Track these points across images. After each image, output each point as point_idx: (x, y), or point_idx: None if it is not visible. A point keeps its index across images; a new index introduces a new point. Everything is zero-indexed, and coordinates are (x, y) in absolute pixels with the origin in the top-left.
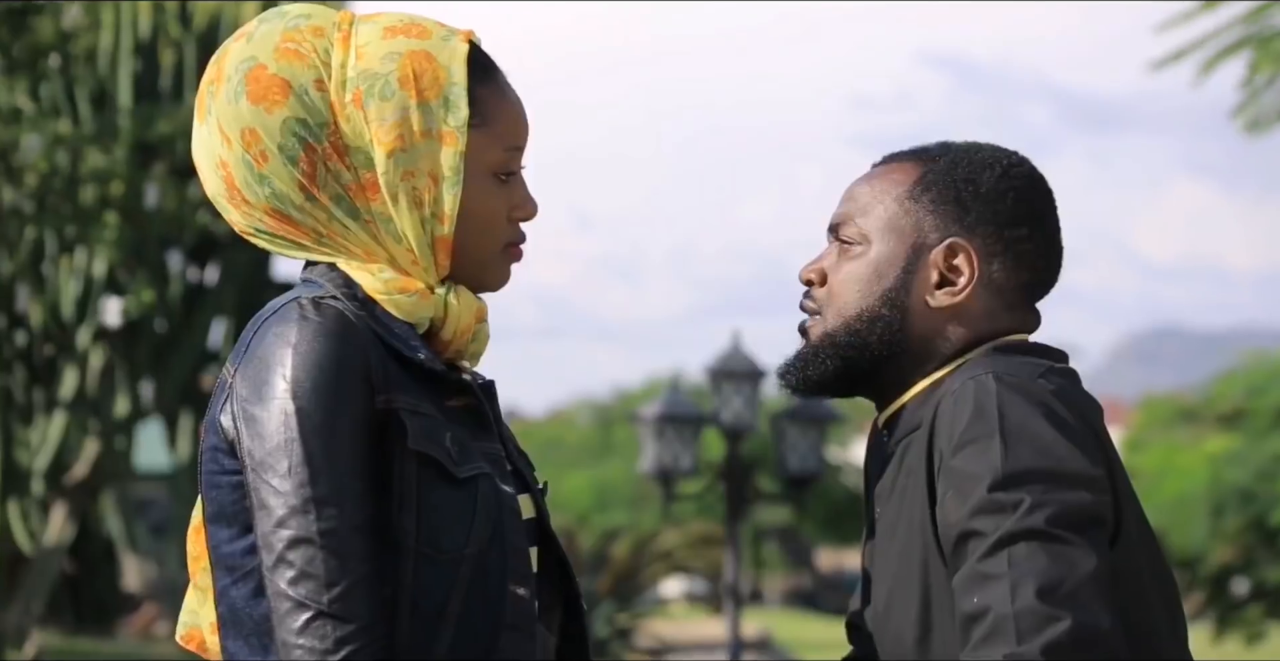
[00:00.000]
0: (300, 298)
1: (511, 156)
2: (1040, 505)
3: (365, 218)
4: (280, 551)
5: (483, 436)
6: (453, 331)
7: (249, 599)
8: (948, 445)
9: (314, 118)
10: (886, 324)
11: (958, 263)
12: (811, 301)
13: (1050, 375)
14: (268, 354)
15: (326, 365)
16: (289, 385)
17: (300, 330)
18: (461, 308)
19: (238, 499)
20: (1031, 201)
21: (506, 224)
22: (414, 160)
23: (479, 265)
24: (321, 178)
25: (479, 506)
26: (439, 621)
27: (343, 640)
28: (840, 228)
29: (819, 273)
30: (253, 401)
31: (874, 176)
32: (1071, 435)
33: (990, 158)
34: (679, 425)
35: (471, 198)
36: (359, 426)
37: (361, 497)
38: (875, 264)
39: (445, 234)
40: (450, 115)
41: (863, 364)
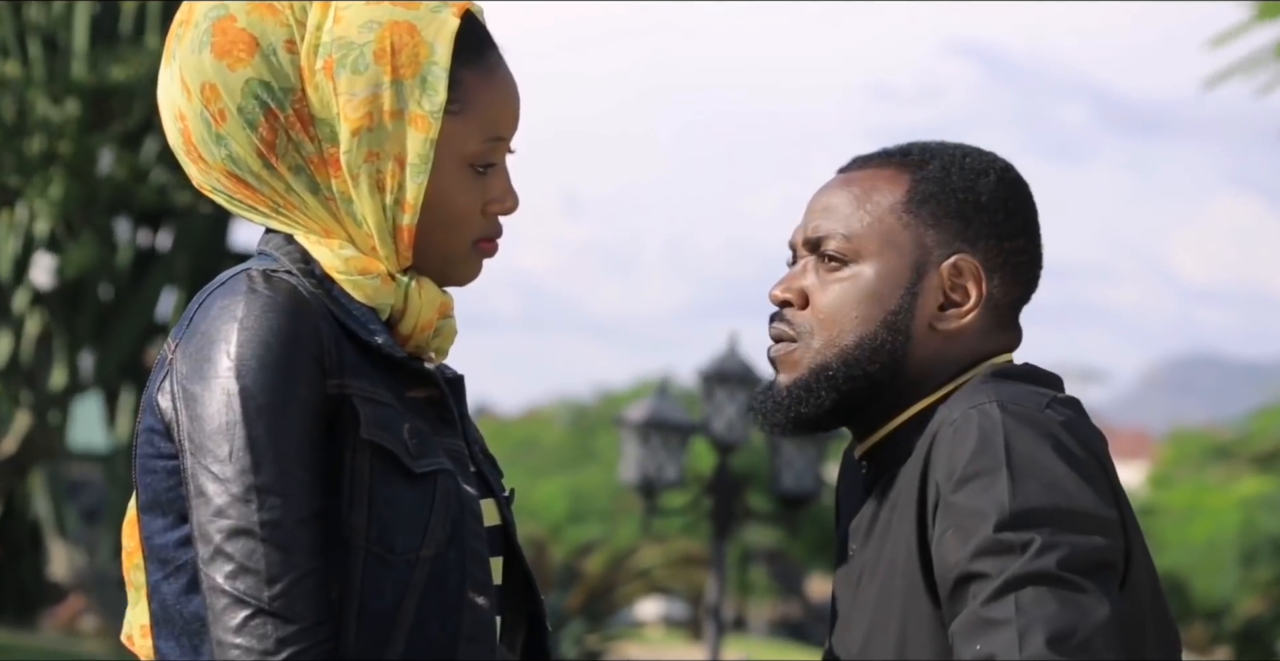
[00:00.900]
0: (250, 269)
1: (491, 147)
2: (1051, 547)
3: (326, 194)
4: (218, 543)
5: (445, 431)
6: (412, 325)
7: (180, 595)
8: (946, 479)
9: (279, 81)
10: (890, 351)
11: (962, 281)
12: (788, 326)
13: (1056, 405)
14: (211, 328)
15: (274, 343)
16: (233, 363)
17: (248, 304)
18: (424, 301)
19: (173, 486)
20: (1026, 210)
21: (480, 218)
22: (380, 141)
23: (445, 259)
24: (281, 146)
25: (437, 505)
26: (391, 628)
27: (284, 640)
28: (823, 242)
29: (799, 293)
30: (193, 380)
31: (852, 184)
32: (1083, 471)
33: (981, 163)
34: (666, 432)
35: (441, 189)
36: (308, 410)
37: (308, 487)
38: (874, 284)
39: (408, 223)
40: (425, 98)
41: (860, 396)
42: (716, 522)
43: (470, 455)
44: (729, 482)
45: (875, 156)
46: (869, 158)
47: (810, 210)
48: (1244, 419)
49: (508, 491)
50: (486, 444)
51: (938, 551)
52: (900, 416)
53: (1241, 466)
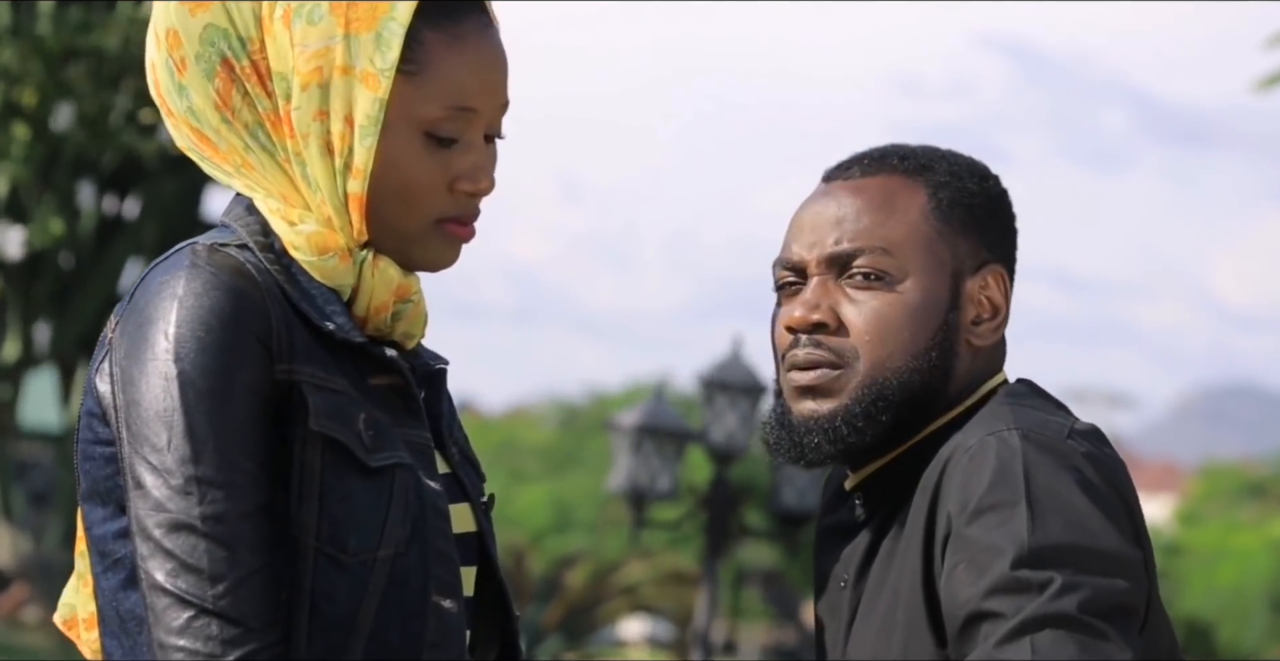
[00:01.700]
0: (197, 243)
1: (455, 118)
2: (1072, 588)
3: (282, 156)
4: (157, 538)
5: (409, 422)
6: (365, 306)
7: (118, 590)
8: (960, 510)
9: (238, 29)
10: (944, 371)
11: (990, 293)
12: (827, 351)
13: (1077, 434)
14: (150, 306)
15: (215, 324)
16: (171, 345)
17: (189, 280)
18: (376, 281)
19: (111, 474)
20: (1014, 217)
21: (445, 195)
22: (329, 99)
23: (402, 237)
24: (237, 101)
25: (394, 501)
26: (347, 635)
27: (230, 642)
28: (856, 257)
29: (832, 313)
30: (130, 362)
31: (862, 193)
32: (1107, 507)
33: (978, 167)
34: (660, 439)
35: (392, 155)
36: (252, 397)
37: (253, 479)
38: (921, 299)
39: (356, 191)
40: (378, 54)
41: (912, 421)
42: (710, 539)
43: (447, 456)
44: (726, 496)
45: (866, 163)
46: (859, 165)
47: (812, 225)
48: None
49: (486, 497)
50: (471, 445)
51: (947, 587)
52: (905, 443)
53: (1276, 505)
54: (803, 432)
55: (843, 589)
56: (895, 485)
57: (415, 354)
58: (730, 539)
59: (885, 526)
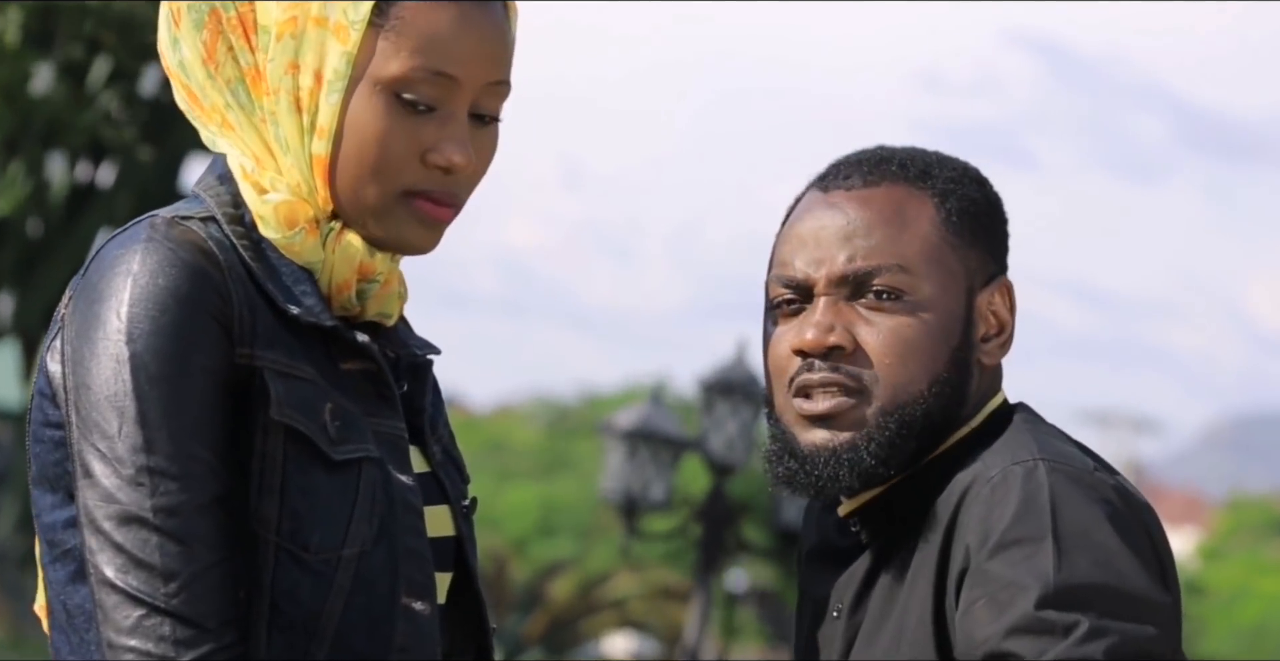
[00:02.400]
0: (158, 215)
1: (429, 81)
2: (1099, 633)
3: (259, 115)
4: (107, 531)
5: (382, 411)
6: (327, 283)
7: (67, 583)
8: (981, 544)
9: None
10: (960, 393)
11: (998, 308)
12: (843, 376)
13: (1102, 467)
14: (103, 282)
15: (171, 303)
16: (124, 325)
17: (144, 256)
18: (337, 257)
19: (60, 459)
20: (1008, 223)
21: (415, 165)
22: (302, 50)
23: (364, 208)
24: (221, 54)
25: (360, 497)
26: (309, 638)
27: (184, 643)
28: (873, 276)
29: (848, 335)
30: (81, 341)
31: (870, 204)
32: (1137, 546)
33: (973, 172)
34: (656, 445)
35: (356, 115)
36: (210, 382)
37: (210, 469)
38: (940, 319)
39: (320, 151)
40: (352, 5)
41: (931, 445)
42: (704, 553)
43: (428, 455)
44: (723, 509)
45: (865, 170)
46: (859, 172)
47: (817, 240)
48: None
49: (468, 501)
50: (456, 444)
51: (963, 623)
52: (903, 471)
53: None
54: (819, 464)
55: (835, 619)
56: (897, 512)
57: (400, 340)
58: (725, 554)
59: (885, 555)
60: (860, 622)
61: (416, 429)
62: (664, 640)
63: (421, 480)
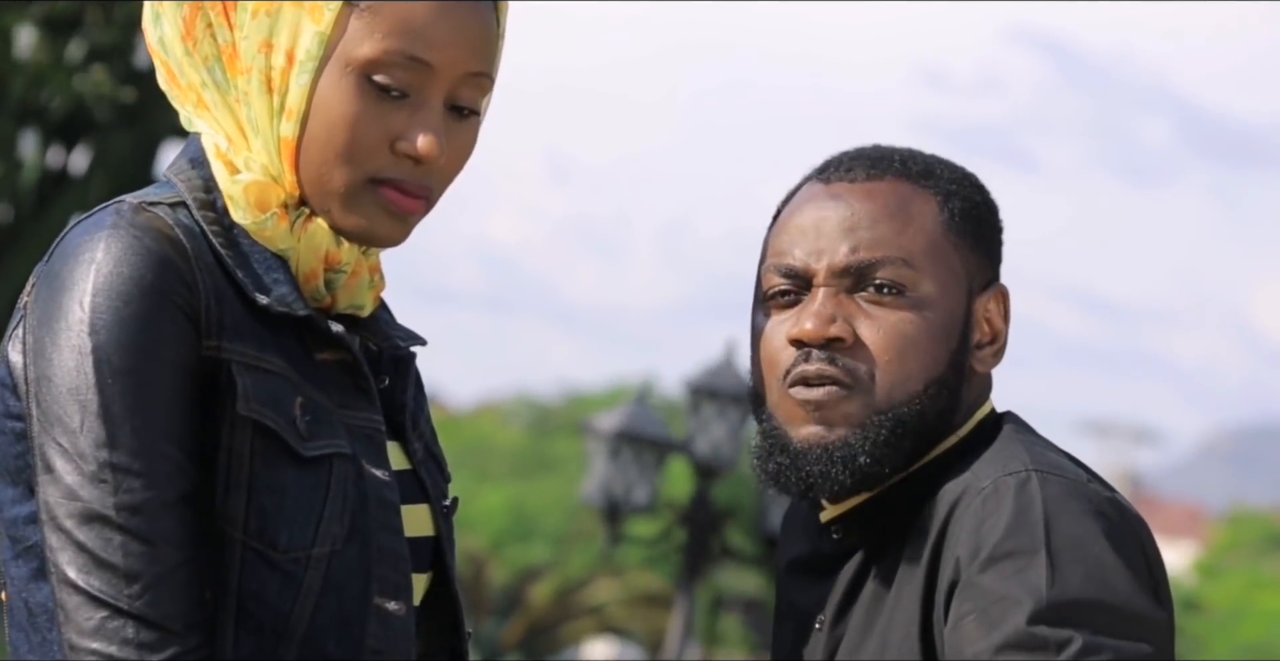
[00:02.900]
0: (125, 201)
1: (401, 65)
2: (1093, 650)
3: (234, 95)
4: (68, 530)
5: (357, 403)
6: (294, 272)
7: (29, 581)
8: (972, 557)
9: None
10: (954, 398)
11: (992, 315)
12: (839, 369)
13: (1096, 479)
14: (66, 270)
15: (135, 293)
16: (86, 315)
17: (108, 243)
18: (303, 245)
19: (21, 452)
20: (1003, 231)
21: (383, 152)
22: (275, 29)
23: (329, 193)
24: (200, 31)
25: (330, 494)
26: (278, 639)
27: (148, 646)
28: (876, 268)
29: (848, 328)
30: (43, 331)
31: (875, 197)
32: (1133, 562)
33: (973, 177)
34: (640, 447)
35: (325, 96)
36: (176, 375)
37: (175, 466)
38: (941, 317)
39: (288, 134)
40: None
41: (922, 450)
42: (688, 559)
43: (410, 452)
44: (707, 514)
45: (868, 163)
46: (861, 165)
47: (818, 230)
48: None
49: (449, 500)
50: (439, 442)
51: (952, 638)
52: (895, 476)
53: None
54: (810, 460)
55: (818, 630)
56: (882, 520)
57: (383, 332)
58: (710, 560)
59: (870, 565)
60: (843, 634)
61: (398, 425)
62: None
63: (401, 478)
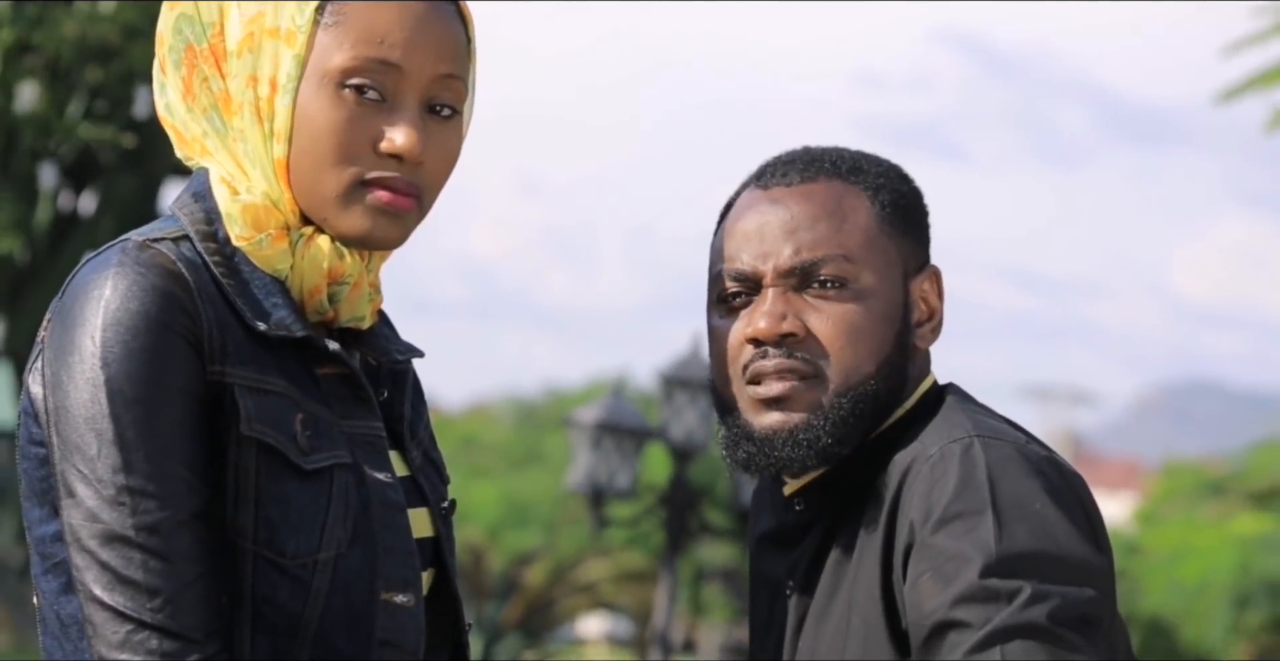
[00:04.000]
0: (130, 239)
1: (372, 69)
2: (1042, 597)
3: (231, 135)
4: (92, 550)
5: (357, 412)
6: (299, 290)
7: (59, 594)
8: (924, 520)
9: (203, 15)
10: (901, 375)
11: (928, 295)
12: (797, 361)
13: (1035, 440)
14: (77, 307)
15: (142, 327)
16: (98, 349)
17: (115, 281)
18: (305, 263)
19: (45, 476)
20: (929, 214)
21: (368, 153)
22: (258, 63)
23: (324, 200)
24: (197, 85)
25: (333, 503)
26: (291, 639)
27: (171, 655)
28: (819, 266)
29: (799, 323)
30: (59, 365)
31: (811, 199)
32: (1073, 515)
33: (899, 168)
34: (619, 436)
35: (306, 109)
36: (185, 401)
37: (187, 486)
38: (883, 305)
39: (280, 155)
40: (299, 12)
41: (878, 423)
42: (669, 536)
43: (408, 459)
44: (685, 494)
45: (801, 167)
46: (795, 169)
47: (761, 234)
48: (1242, 452)
49: (447, 503)
50: (437, 447)
51: (911, 596)
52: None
53: (1237, 503)
54: (778, 445)
55: (788, 596)
56: (839, 491)
57: (382, 346)
58: (690, 536)
59: (832, 533)
60: (811, 598)
61: (396, 434)
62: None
63: (401, 484)
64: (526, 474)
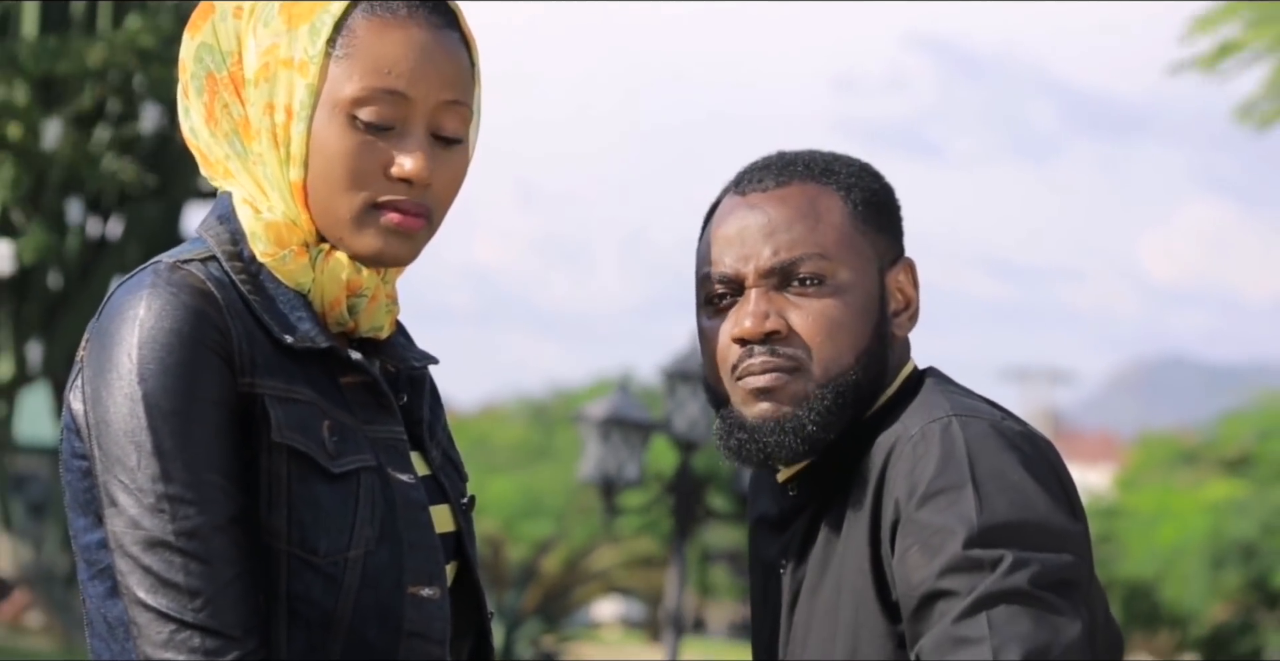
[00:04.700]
0: (160, 261)
1: (380, 99)
2: (1023, 564)
3: (251, 159)
4: (135, 555)
5: (380, 418)
6: (320, 302)
7: (105, 598)
8: (908, 496)
9: (221, 45)
10: (881, 363)
11: (904, 285)
12: (781, 358)
13: (1010, 416)
14: (114, 327)
15: (176, 344)
16: (134, 366)
17: (149, 301)
18: (325, 277)
19: (88, 487)
20: (900, 209)
21: (379, 178)
22: (274, 91)
23: (339, 222)
24: (218, 110)
25: (360, 503)
26: (325, 633)
27: (213, 652)
28: (798, 265)
29: (781, 320)
30: (98, 382)
31: (787, 202)
32: (1048, 485)
33: (870, 167)
34: (626, 429)
35: (320, 138)
36: (217, 412)
37: (223, 492)
38: (860, 299)
39: (297, 178)
40: (310, 43)
41: (862, 410)
42: (677, 522)
43: (429, 459)
44: (690, 481)
45: (776, 172)
46: (770, 175)
47: (742, 238)
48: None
49: (466, 499)
50: (455, 447)
51: (900, 569)
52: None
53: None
54: (766, 433)
55: (783, 574)
56: (828, 474)
57: (400, 355)
58: (695, 522)
59: (821, 514)
60: (804, 575)
61: (416, 437)
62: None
63: (423, 483)
64: (539, 469)
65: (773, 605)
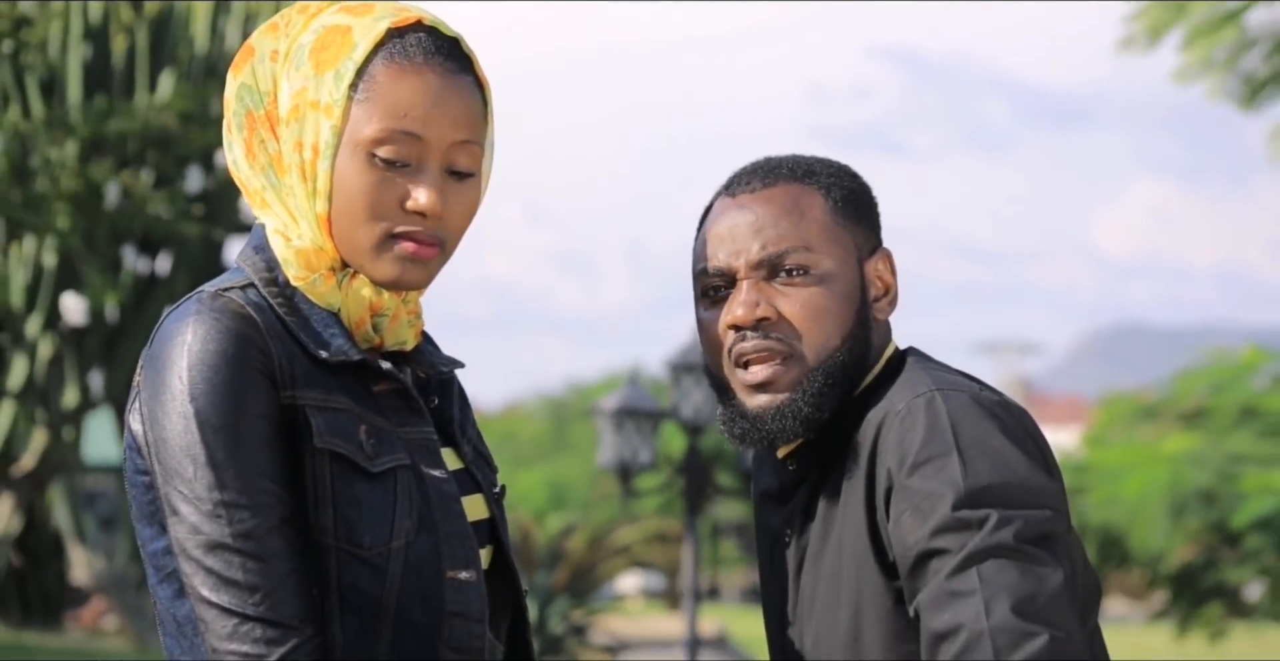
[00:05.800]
0: (204, 291)
1: (397, 139)
2: (1007, 521)
3: (284, 190)
4: (197, 558)
5: (411, 421)
6: (347, 320)
7: (173, 599)
8: (899, 466)
9: (259, 85)
10: (865, 345)
11: (883, 273)
12: (773, 341)
13: (987, 388)
14: (164, 353)
15: (221, 364)
16: (185, 386)
17: (195, 327)
18: (350, 299)
19: (152, 499)
20: (878, 204)
21: (396, 211)
22: (303, 130)
23: (360, 251)
24: (256, 146)
25: (399, 499)
26: (375, 617)
27: (273, 642)
28: (784, 257)
29: (771, 308)
30: (153, 404)
31: (772, 201)
32: (1025, 448)
33: (847, 167)
34: (638, 419)
35: (343, 175)
36: (264, 424)
37: (274, 496)
38: (843, 286)
39: (321, 210)
40: (335, 87)
41: (851, 389)
42: (689, 500)
43: (461, 454)
44: (698, 463)
45: (762, 174)
46: (757, 177)
47: (732, 235)
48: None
49: (498, 488)
50: (484, 441)
51: (895, 532)
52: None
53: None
54: (767, 420)
55: (787, 544)
56: (824, 449)
57: (428, 361)
58: (705, 499)
59: (819, 486)
60: (807, 544)
61: (448, 434)
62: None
63: (457, 475)
64: (561, 460)
65: (780, 571)
